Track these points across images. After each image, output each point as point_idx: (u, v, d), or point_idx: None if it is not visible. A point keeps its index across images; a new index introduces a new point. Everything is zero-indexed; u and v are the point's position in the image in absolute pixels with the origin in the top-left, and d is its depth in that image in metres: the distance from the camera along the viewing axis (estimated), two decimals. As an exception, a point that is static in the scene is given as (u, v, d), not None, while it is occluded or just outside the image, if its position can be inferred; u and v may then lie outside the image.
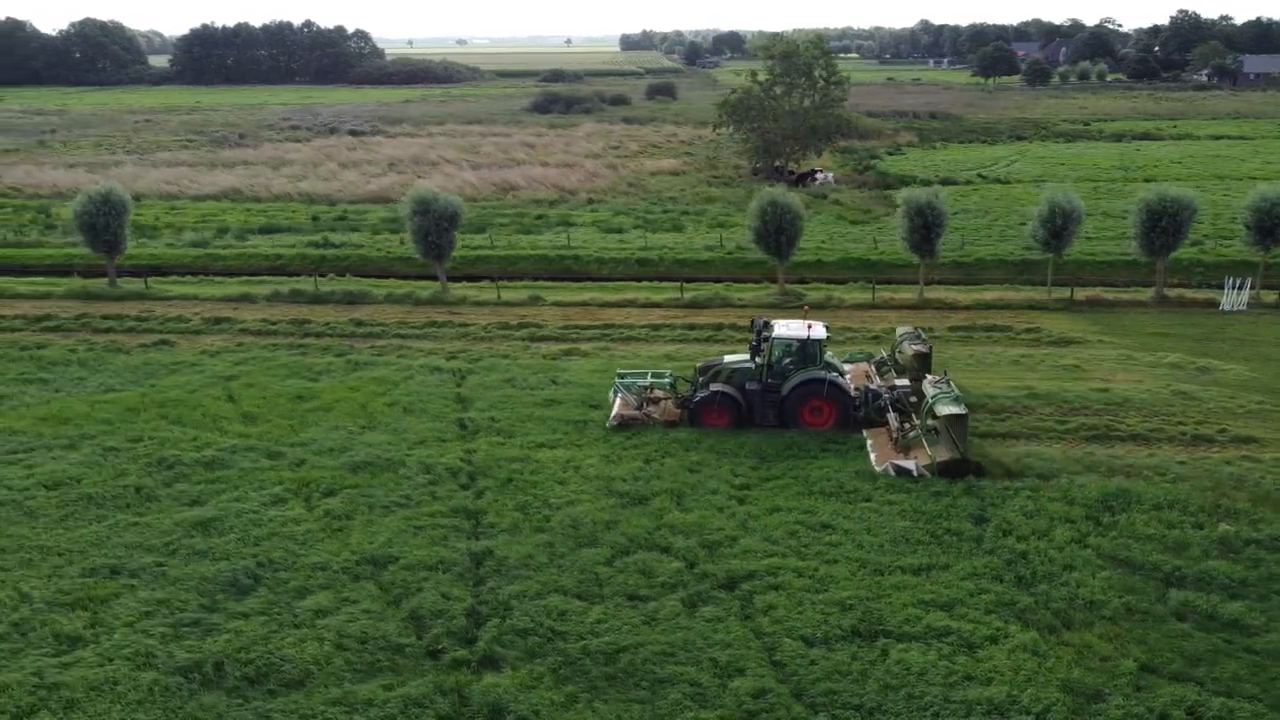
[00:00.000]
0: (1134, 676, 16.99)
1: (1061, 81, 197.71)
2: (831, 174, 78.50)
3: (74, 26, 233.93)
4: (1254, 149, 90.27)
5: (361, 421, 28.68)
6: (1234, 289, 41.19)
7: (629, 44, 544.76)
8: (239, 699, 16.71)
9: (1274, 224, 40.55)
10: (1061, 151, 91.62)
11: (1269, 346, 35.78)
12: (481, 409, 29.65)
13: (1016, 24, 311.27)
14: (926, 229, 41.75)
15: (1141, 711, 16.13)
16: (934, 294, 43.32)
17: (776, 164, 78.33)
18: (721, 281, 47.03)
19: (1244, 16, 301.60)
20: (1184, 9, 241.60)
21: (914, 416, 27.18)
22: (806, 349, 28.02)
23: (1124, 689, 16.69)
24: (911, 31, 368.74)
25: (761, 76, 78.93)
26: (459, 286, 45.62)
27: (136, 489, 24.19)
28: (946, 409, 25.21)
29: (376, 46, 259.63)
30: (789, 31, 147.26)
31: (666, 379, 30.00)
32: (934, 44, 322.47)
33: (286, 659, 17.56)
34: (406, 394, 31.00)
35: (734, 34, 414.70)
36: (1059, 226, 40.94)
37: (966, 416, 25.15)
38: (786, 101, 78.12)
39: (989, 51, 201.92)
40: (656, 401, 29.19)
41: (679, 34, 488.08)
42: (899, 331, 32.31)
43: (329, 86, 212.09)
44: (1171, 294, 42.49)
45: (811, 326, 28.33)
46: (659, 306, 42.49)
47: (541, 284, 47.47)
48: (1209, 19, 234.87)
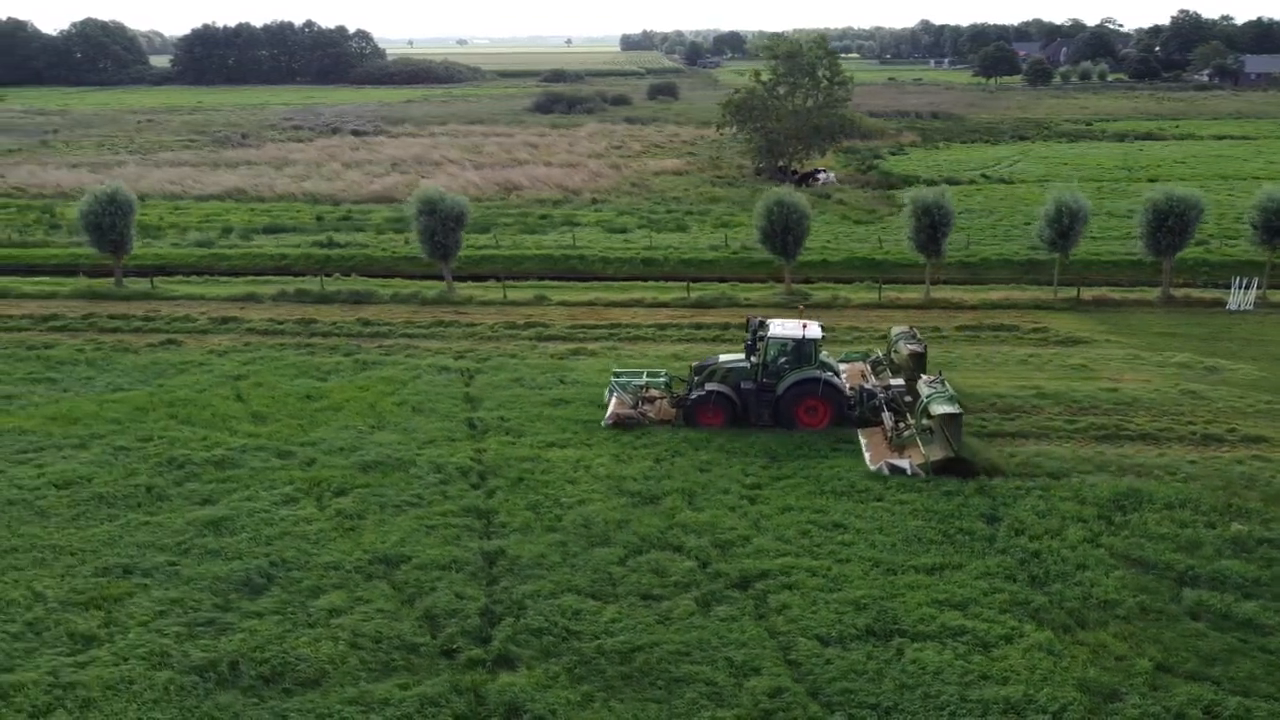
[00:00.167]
0: (1150, 676, 16.99)
1: (1063, 81, 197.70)
2: (833, 174, 78.47)
3: (75, 26, 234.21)
4: (1257, 149, 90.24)
5: (371, 421, 28.68)
6: (1241, 289, 41.20)
7: (629, 44, 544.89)
8: (255, 698, 16.71)
9: (1281, 223, 40.58)
10: (1064, 151, 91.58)
11: (1277, 346, 35.79)
12: (490, 408, 29.67)
13: (1017, 24, 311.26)
14: (933, 228, 41.75)
15: (1158, 711, 16.14)
16: (940, 294, 43.32)
17: (780, 164, 78.32)
18: (727, 281, 46.99)
19: (1245, 16, 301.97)
20: (1185, 9, 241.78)
21: (909, 416, 27.20)
22: (802, 348, 28.02)
23: (1140, 688, 16.69)
24: (912, 32, 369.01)
25: (765, 76, 78.96)
26: (465, 286, 45.61)
27: (147, 488, 24.20)
28: (940, 408, 25.25)
29: (377, 46, 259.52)
30: (789, 31, 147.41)
31: (662, 378, 30.04)
32: (934, 44, 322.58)
33: (302, 658, 17.56)
34: (415, 393, 31.00)
35: (734, 34, 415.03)
36: (1066, 226, 40.94)
37: (961, 416, 25.20)
38: (790, 101, 78.17)
39: (990, 51, 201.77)
40: (652, 401, 29.22)
41: (679, 34, 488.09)
42: (894, 331, 32.34)
43: (330, 86, 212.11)
44: (1178, 294, 42.51)
45: (807, 326, 28.36)
46: (666, 306, 42.49)
47: (547, 284, 47.44)
48: (1210, 19, 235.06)
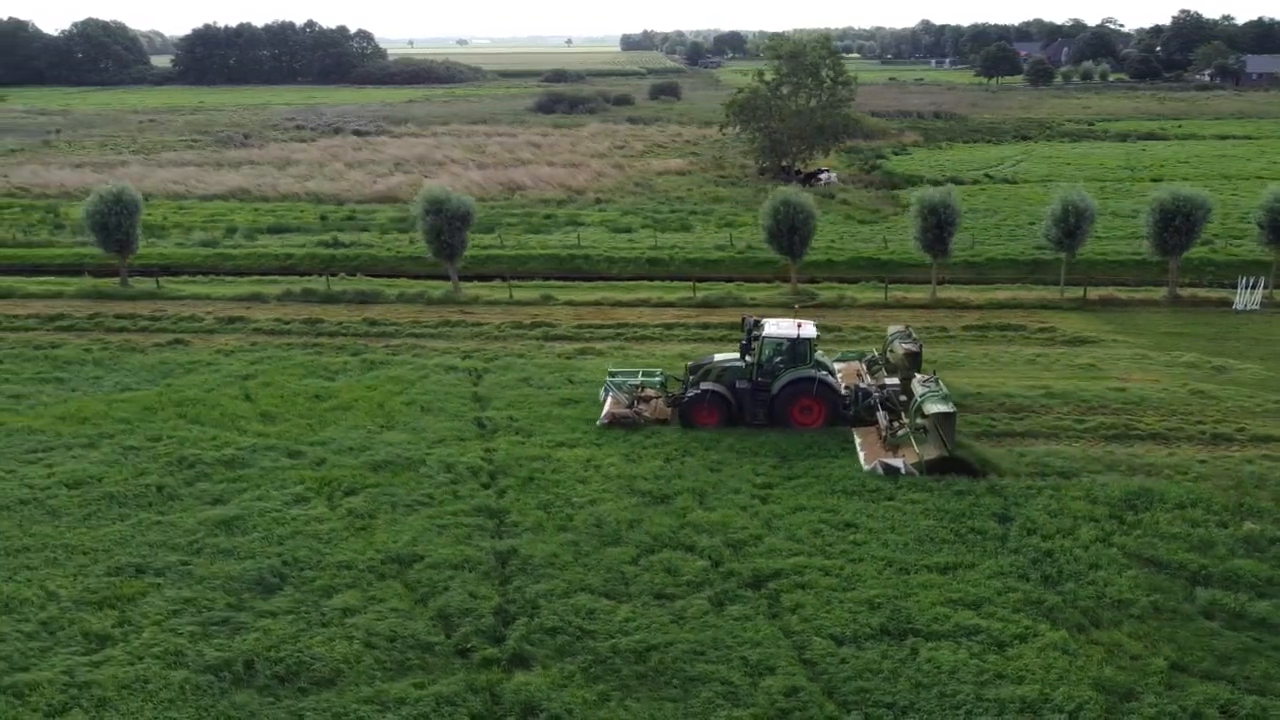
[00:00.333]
0: (1165, 675, 16.99)
1: (1065, 81, 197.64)
2: (835, 174, 78.47)
3: (76, 26, 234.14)
4: (1259, 149, 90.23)
5: (380, 420, 28.68)
6: (1247, 288, 41.18)
7: (630, 44, 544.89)
8: (270, 697, 16.72)
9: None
10: (1067, 151, 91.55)
11: (1284, 346, 35.78)
12: (499, 408, 29.67)
13: (1018, 24, 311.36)
14: (939, 228, 41.72)
15: (1175, 710, 16.14)
16: (946, 293, 43.31)
17: (784, 164, 78.32)
18: (732, 281, 46.99)
19: (1245, 17, 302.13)
20: (1185, 9, 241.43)
21: (903, 415, 27.20)
22: (796, 348, 28.06)
23: (1156, 688, 16.70)
24: (913, 32, 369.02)
25: (768, 76, 78.95)
26: (470, 286, 45.59)
27: (158, 488, 24.21)
28: (935, 407, 25.27)
29: (378, 47, 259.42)
30: (790, 31, 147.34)
31: (657, 377, 30.09)
32: (935, 44, 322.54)
33: (316, 657, 17.57)
34: (423, 393, 31.00)
35: (735, 34, 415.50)
36: (1073, 225, 40.88)
37: (954, 415, 25.22)
38: (793, 101, 78.17)
39: (992, 51, 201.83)
40: (648, 400, 29.25)
41: (680, 34, 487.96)
42: (890, 330, 32.38)
43: (331, 86, 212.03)
44: (1184, 293, 42.49)
45: (801, 325, 28.41)
46: (672, 306, 42.47)
47: (553, 283, 47.42)
48: (1210, 19, 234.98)
